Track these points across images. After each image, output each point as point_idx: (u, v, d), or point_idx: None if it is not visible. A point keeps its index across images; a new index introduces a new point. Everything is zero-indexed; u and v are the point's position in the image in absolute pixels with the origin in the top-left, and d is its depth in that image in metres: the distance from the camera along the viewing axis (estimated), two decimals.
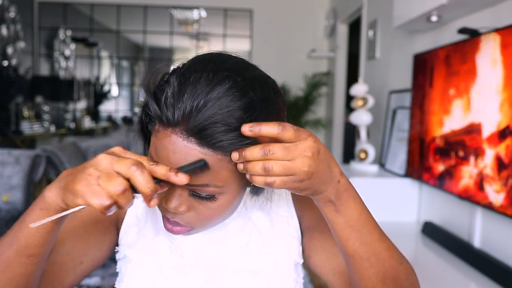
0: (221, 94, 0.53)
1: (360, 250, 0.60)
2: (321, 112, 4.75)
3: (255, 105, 0.55)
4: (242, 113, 0.53)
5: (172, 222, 0.62)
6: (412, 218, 2.08)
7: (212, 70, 0.55)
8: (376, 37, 2.88)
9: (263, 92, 0.57)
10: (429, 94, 1.82)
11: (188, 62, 0.59)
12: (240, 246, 0.71)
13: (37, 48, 4.96)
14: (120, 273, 0.72)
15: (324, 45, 4.81)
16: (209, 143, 0.53)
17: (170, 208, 0.59)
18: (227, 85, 0.54)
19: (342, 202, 0.58)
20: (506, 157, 1.31)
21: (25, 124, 4.05)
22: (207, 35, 5.26)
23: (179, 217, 0.61)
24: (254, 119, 0.54)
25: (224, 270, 0.70)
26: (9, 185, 2.71)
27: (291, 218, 0.74)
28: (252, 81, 0.56)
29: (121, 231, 0.72)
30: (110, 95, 5.76)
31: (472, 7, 1.61)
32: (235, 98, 0.54)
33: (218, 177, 0.56)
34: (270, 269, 0.70)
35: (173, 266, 0.69)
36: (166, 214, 0.61)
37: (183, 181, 0.51)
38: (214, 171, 0.55)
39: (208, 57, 0.59)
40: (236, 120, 0.53)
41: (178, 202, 0.59)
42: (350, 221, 0.59)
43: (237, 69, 0.57)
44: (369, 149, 2.37)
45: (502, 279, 1.34)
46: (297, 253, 0.73)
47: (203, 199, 0.59)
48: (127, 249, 0.71)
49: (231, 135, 0.53)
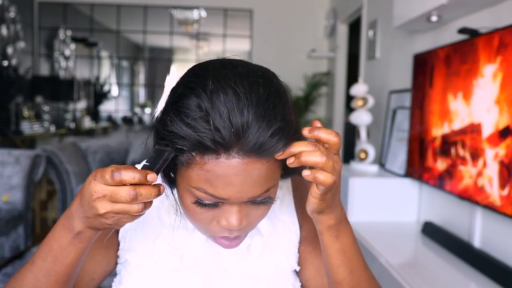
0: (258, 102, 0.52)
1: (348, 278, 0.62)
2: (321, 112, 4.75)
3: (281, 97, 0.56)
4: (280, 111, 0.53)
5: (232, 238, 0.61)
6: (412, 218, 2.08)
7: (236, 81, 0.53)
8: (376, 37, 2.88)
9: (278, 81, 0.58)
10: (429, 94, 1.82)
11: (200, 79, 0.55)
12: (241, 249, 0.70)
13: (37, 48, 4.96)
14: (119, 275, 0.72)
15: (324, 45, 4.81)
16: (269, 154, 0.52)
17: (235, 226, 0.57)
18: (258, 92, 0.53)
19: (342, 228, 0.60)
20: (506, 157, 1.31)
21: (25, 124, 4.05)
22: (207, 35, 5.26)
23: (239, 230, 0.59)
24: (289, 112, 0.56)
25: (224, 274, 0.70)
26: (9, 185, 2.71)
27: (293, 225, 0.74)
28: (267, 77, 0.57)
29: (120, 236, 0.72)
30: (110, 95, 5.76)
31: (472, 7, 1.61)
32: (269, 101, 0.53)
33: (275, 177, 0.56)
34: (271, 274, 0.70)
35: (173, 269, 0.69)
36: (225, 234, 0.59)
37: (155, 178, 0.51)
38: (271, 174, 0.55)
39: (218, 67, 0.56)
40: (280, 122, 0.53)
41: (240, 217, 0.57)
42: (346, 248, 0.60)
43: (251, 71, 0.56)
44: (369, 149, 2.37)
45: (502, 279, 1.34)
46: (295, 260, 0.73)
47: (260, 203, 0.59)
48: (127, 253, 0.71)
49: (283, 140, 0.52)
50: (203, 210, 0.57)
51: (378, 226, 1.98)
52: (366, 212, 2.04)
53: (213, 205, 0.57)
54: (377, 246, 1.70)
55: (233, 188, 0.53)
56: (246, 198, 0.55)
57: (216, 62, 0.58)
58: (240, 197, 0.55)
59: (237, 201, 0.56)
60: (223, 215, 0.57)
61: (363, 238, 1.82)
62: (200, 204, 0.57)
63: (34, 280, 0.57)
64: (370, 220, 2.03)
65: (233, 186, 0.53)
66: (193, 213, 0.58)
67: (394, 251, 1.68)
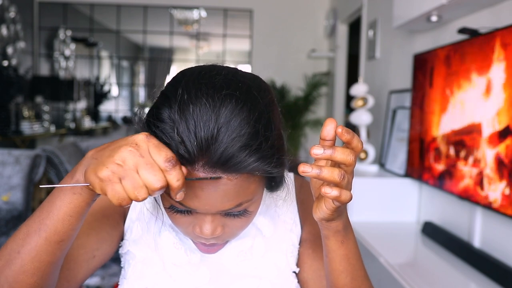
0: (229, 116, 0.51)
1: (349, 285, 0.61)
2: (321, 112, 4.75)
3: (261, 112, 0.54)
4: (254, 126, 0.52)
5: (208, 245, 0.62)
6: (412, 218, 2.08)
7: (208, 93, 0.52)
8: (376, 37, 2.88)
9: (261, 95, 0.56)
10: (429, 94, 1.82)
11: (175, 88, 0.54)
12: (243, 250, 0.71)
13: (37, 48, 4.96)
14: (124, 269, 0.72)
15: (324, 45, 4.81)
16: (236, 169, 0.51)
17: (207, 235, 0.57)
18: (229, 105, 0.52)
19: (347, 233, 0.59)
20: (506, 157, 1.31)
21: (25, 124, 4.04)
22: (207, 35, 5.26)
23: (215, 238, 0.60)
24: (267, 126, 0.54)
25: (228, 272, 0.70)
26: (9, 185, 2.71)
27: (295, 226, 0.74)
28: (246, 90, 0.55)
29: (125, 225, 0.72)
30: (110, 95, 5.76)
31: (472, 7, 1.61)
32: (242, 115, 0.52)
33: (248, 193, 0.56)
34: (274, 274, 0.70)
35: (177, 264, 0.69)
36: (201, 240, 0.60)
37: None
38: (242, 190, 0.54)
39: (195, 77, 0.55)
40: (252, 137, 0.51)
41: (213, 227, 0.58)
42: (350, 254, 0.60)
43: (230, 83, 0.54)
44: (369, 149, 2.37)
45: (502, 279, 1.34)
46: (293, 261, 0.73)
47: (236, 216, 0.59)
48: (131, 245, 0.71)
49: (254, 156, 0.51)
50: (178, 215, 0.58)
51: (378, 226, 1.98)
52: (366, 212, 2.04)
53: (187, 212, 0.57)
54: (377, 246, 1.70)
55: (199, 201, 0.53)
56: (214, 210, 0.55)
57: (196, 71, 0.57)
58: (208, 209, 0.55)
59: (206, 212, 0.56)
60: (197, 223, 0.58)
61: (363, 238, 1.82)
62: (174, 210, 0.57)
63: (25, 235, 0.54)
64: (370, 220, 2.03)
65: (200, 199, 0.53)
66: (171, 217, 0.59)
67: (394, 251, 1.68)
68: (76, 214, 0.52)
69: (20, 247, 0.53)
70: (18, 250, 0.53)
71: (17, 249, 0.54)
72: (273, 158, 0.53)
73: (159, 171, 0.46)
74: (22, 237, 0.54)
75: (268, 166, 0.53)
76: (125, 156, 0.46)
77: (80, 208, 0.52)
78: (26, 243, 0.53)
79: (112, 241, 0.71)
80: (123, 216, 0.73)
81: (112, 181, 0.46)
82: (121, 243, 0.73)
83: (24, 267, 0.53)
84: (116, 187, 0.46)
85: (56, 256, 0.55)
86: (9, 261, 0.54)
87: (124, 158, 0.46)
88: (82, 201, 0.52)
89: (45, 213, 0.53)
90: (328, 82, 4.57)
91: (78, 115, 5.35)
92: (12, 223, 2.62)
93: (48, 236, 0.53)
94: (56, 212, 0.52)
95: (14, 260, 0.53)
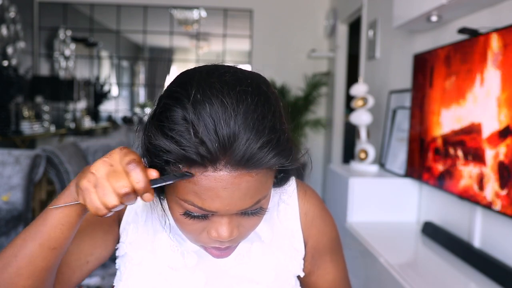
0: (246, 113, 0.51)
1: None
2: (321, 112, 4.75)
3: (275, 107, 0.55)
4: (270, 121, 0.52)
5: (223, 248, 0.60)
6: (412, 218, 2.08)
7: (223, 91, 0.51)
8: (376, 37, 2.88)
9: (270, 90, 0.57)
10: (429, 94, 1.82)
11: (185, 88, 0.53)
12: (241, 253, 0.70)
13: (37, 48, 4.96)
14: (119, 271, 0.72)
15: (324, 45, 4.81)
16: (259, 165, 0.51)
17: (225, 238, 0.56)
18: (245, 102, 0.51)
19: None
20: (506, 157, 1.31)
21: (25, 124, 4.04)
22: (207, 35, 5.26)
23: (231, 241, 0.58)
24: (281, 120, 0.55)
25: (225, 276, 0.69)
26: (9, 185, 2.71)
27: (297, 232, 0.73)
28: (256, 85, 0.55)
29: (121, 228, 0.72)
30: (110, 95, 5.76)
31: (472, 7, 1.61)
32: (258, 111, 0.52)
33: (266, 187, 0.55)
34: (271, 278, 0.70)
35: (174, 267, 0.68)
36: (216, 244, 0.59)
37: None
38: (261, 186, 0.54)
39: (204, 76, 0.55)
40: (270, 132, 0.51)
41: (230, 229, 0.56)
42: None
43: (240, 80, 0.54)
44: (369, 149, 2.37)
45: (502, 279, 1.34)
46: (298, 266, 0.73)
47: (251, 214, 0.58)
48: (128, 247, 0.70)
49: (273, 151, 0.51)
50: (192, 221, 0.57)
51: (378, 226, 1.98)
52: (366, 212, 2.04)
53: (203, 217, 0.56)
54: (377, 246, 1.70)
55: (221, 201, 0.52)
56: (235, 210, 0.54)
57: (203, 70, 0.56)
58: (229, 210, 0.54)
59: (226, 213, 0.55)
60: (213, 227, 0.57)
61: (363, 238, 1.82)
62: (189, 216, 0.56)
63: (22, 240, 0.57)
64: (370, 220, 2.03)
65: (221, 199, 0.52)
66: (182, 224, 0.58)
67: (394, 251, 1.68)
68: (67, 223, 0.55)
69: (17, 251, 0.56)
70: (15, 254, 0.56)
71: (15, 253, 0.56)
72: (291, 151, 0.54)
73: (124, 176, 0.49)
74: (20, 242, 0.57)
75: (286, 159, 0.53)
76: (98, 166, 0.50)
77: (71, 217, 0.55)
78: (22, 248, 0.56)
79: (106, 245, 0.71)
80: (118, 219, 0.72)
81: (89, 190, 0.49)
82: (117, 246, 0.73)
83: (20, 271, 0.56)
84: (92, 196, 0.49)
85: (50, 262, 0.57)
86: (7, 264, 0.56)
87: (98, 168, 0.50)
88: (73, 211, 0.55)
89: (41, 220, 0.56)
90: (328, 82, 4.57)
91: (78, 115, 5.35)
92: (12, 223, 2.62)
93: (42, 243, 0.56)
94: (51, 219, 0.55)
95: (12, 263, 0.56)
